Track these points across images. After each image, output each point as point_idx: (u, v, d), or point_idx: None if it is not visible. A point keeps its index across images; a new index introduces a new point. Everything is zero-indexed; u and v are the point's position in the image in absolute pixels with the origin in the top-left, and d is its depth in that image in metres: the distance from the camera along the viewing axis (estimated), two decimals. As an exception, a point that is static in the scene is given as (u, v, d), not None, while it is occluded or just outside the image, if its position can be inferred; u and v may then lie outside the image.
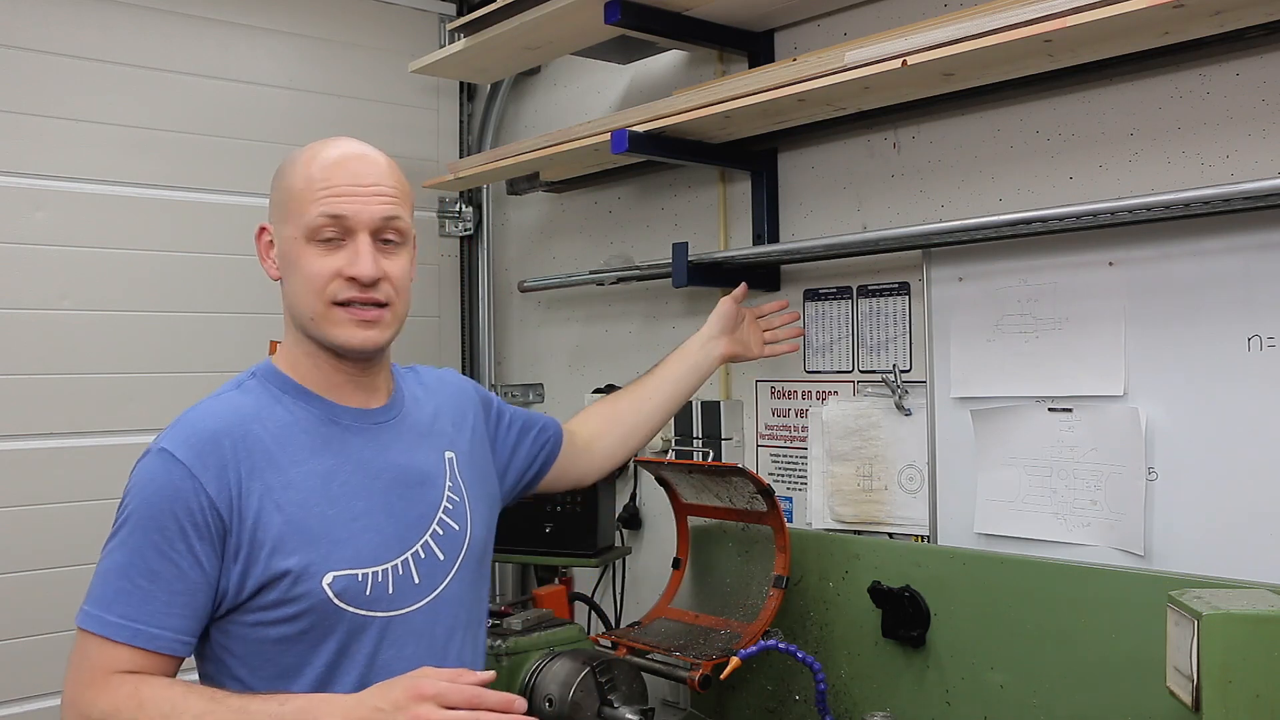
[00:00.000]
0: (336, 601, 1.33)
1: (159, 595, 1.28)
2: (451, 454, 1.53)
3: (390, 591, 1.38)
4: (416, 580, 1.41)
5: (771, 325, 2.12)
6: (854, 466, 2.18)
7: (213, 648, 1.37)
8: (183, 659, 1.33)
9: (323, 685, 1.34)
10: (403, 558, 1.40)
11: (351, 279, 1.36)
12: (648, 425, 1.94)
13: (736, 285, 2.39)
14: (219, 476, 1.31)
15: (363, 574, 1.35)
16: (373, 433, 1.45)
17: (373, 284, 1.37)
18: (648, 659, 2.08)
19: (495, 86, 3.04)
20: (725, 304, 2.04)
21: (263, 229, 1.44)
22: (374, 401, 1.47)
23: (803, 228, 2.31)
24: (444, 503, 1.48)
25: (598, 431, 1.89)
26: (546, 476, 1.78)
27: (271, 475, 1.34)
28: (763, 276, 2.35)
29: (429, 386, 1.60)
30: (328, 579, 1.32)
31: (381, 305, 1.39)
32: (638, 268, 2.58)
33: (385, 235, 1.39)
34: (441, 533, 1.46)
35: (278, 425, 1.38)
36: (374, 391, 1.47)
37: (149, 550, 1.29)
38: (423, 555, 1.42)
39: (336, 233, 1.36)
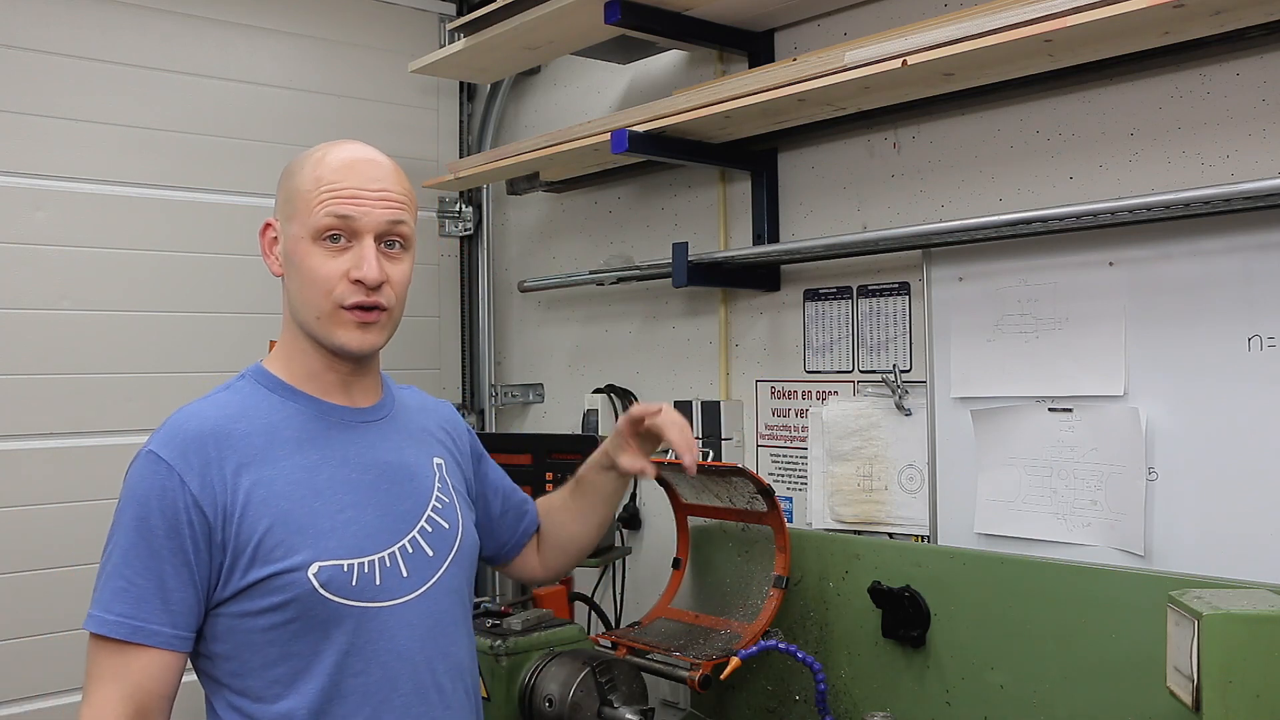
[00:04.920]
0: (322, 592, 1.34)
1: (153, 592, 1.31)
2: (440, 460, 1.55)
3: (378, 583, 1.39)
4: (405, 574, 1.42)
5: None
6: (854, 466, 2.18)
7: (205, 642, 1.38)
8: (185, 655, 1.35)
9: (305, 674, 1.35)
10: (389, 550, 1.41)
11: (357, 282, 1.38)
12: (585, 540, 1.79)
13: (736, 285, 2.40)
14: (202, 475, 1.34)
15: (349, 564, 1.37)
16: (360, 430, 1.47)
17: (376, 287, 1.39)
18: (648, 659, 2.07)
19: (495, 86, 3.05)
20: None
21: (268, 225, 1.46)
22: (362, 401, 1.49)
23: (803, 228, 2.31)
24: (433, 501, 1.49)
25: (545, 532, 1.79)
26: (511, 563, 1.77)
27: (257, 470, 1.36)
28: (763, 276, 2.35)
29: (425, 405, 1.64)
30: (313, 569, 1.34)
31: (382, 309, 1.41)
32: (638, 268, 2.58)
33: (389, 239, 1.41)
34: (430, 530, 1.47)
35: (264, 421, 1.41)
36: (363, 392, 1.50)
37: (142, 550, 1.32)
38: (410, 550, 1.43)
39: (343, 234, 1.38)
